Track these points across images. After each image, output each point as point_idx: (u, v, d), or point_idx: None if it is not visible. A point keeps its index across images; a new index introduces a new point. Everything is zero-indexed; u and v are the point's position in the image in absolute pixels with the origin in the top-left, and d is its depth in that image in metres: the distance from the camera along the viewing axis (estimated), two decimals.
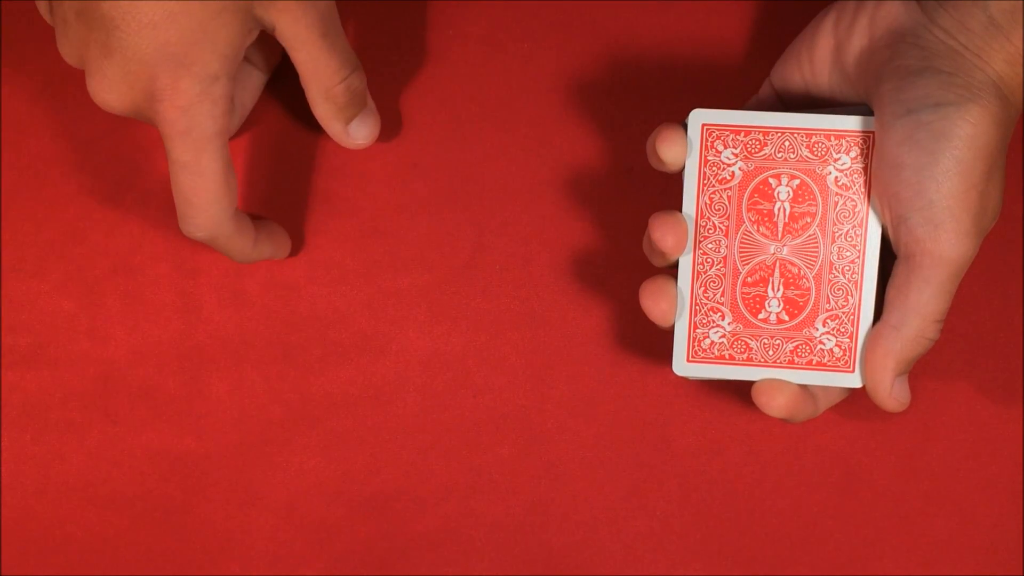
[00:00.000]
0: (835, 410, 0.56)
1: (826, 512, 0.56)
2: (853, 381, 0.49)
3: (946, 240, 0.46)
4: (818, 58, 0.50)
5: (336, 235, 0.58)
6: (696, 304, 0.50)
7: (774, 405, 0.49)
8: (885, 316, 0.48)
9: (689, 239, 0.50)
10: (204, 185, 0.50)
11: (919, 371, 0.56)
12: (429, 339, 0.57)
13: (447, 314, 0.57)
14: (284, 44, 0.51)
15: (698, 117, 0.49)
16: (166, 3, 0.47)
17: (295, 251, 0.58)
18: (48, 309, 0.58)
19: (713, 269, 0.50)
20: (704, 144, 0.49)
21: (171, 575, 0.57)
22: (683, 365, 0.50)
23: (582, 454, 0.57)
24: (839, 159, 0.49)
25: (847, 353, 0.49)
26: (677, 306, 0.50)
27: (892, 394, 0.49)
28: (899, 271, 0.47)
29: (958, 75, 0.45)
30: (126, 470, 0.58)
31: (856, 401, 0.56)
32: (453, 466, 0.57)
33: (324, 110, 0.53)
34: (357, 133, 0.55)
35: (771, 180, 0.49)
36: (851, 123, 0.48)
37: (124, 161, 0.58)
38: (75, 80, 0.58)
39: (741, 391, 0.57)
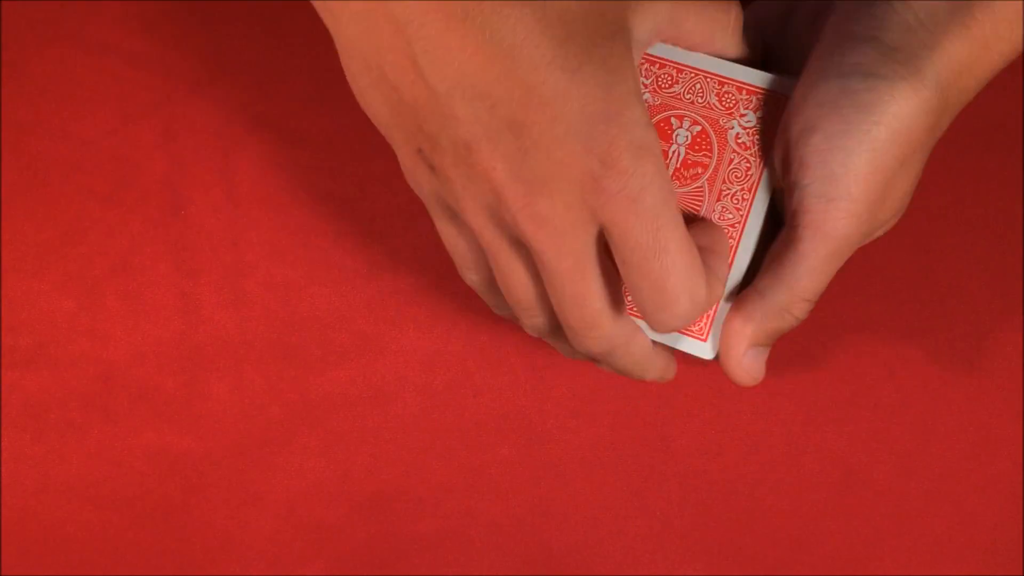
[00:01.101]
0: (835, 410, 0.56)
1: (826, 512, 0.56)
2: (704, 350, 0.46)
3: (835, 217, 0.43)
4: (770, 13, 0.47)
5: (336, 235, 0.58)
6: None
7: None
8: (755, 281, 0.45)
9: None
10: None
11: (919, 371, 0.56)
12: (429, 339, 0.57)
13: (447, 314, 0.57)
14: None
15: None
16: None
17: (295, 251, 0.58)
18: (48, 309, 0.58)
19: None
20: None
21: (171, 575, 0.57)
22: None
23: (582, 454, 0.57)
24: (745, 115, 0.45)
25: (704, 320, 0.46)
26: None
27: (743, 364, 0.46)
28: (780, 238, 0.45)
29: (901, 51, 0.42)
30: (126, 470, 0.58)
31: (856, 401, 0.56)
32: (453, 466, 0.57)
33: (734, 40, 0.45)
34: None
35: (673, 120, 0.46)
36: (766, 80, 0.45)
37: (124, 161, 0.58)
38: (75, 80, 0.58)
39: (742, 392, 0.57)
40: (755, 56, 0.46)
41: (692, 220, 0.46)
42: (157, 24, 0.59)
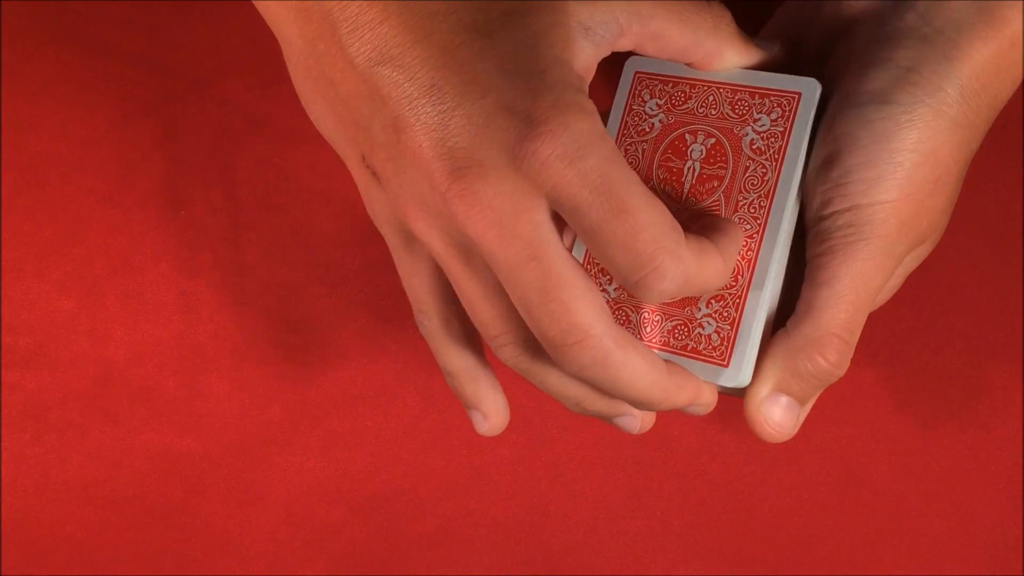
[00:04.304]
0: (835, 410, 0.56)
1: (826, 512, 0.56)
2: (727, 378, 0.42)
3: (862, 252, 0.41)
4: (820, 18, 0.45)
5: (336, 235, 0.58)
6: (588, 263, 0.44)
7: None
8: (789, 321, 0.42)
9: None
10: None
11: (919, 370, 0.56)
12: None
13: None
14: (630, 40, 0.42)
15: (633, 65, 0.45)
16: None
17: (295, 251, 0.58)
18: (48, 309, 0.58)
19: None
20: (632, 92, 0.44)
21: (171, 575, 0.57)
22: None
23: (582, 454, 0.57)
24: (759, 120, 0.43)
25: (724, 343, 0.42)
26: None
27: (762, 410, 0.42)
28: (808, 270, 0.42)
29: (918, 70, 0.40)
30: (126, 470, 0.58)
31: (856, 402, 0.56)
32: (453, 466, 0.57)
33: (727, 45, 0.43)
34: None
35: (687, 136, 0.44)
36: (777, 82, 0.43)
37: (124, 161, 0.58)
38: (75, 80, 0.58)
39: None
40: (765, 61, 0.44)
41: (700, 216, 0.43)
42: (157, 24, 0.59)
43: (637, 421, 0.44)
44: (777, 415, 0.42)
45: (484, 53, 0.37)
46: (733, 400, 0.57)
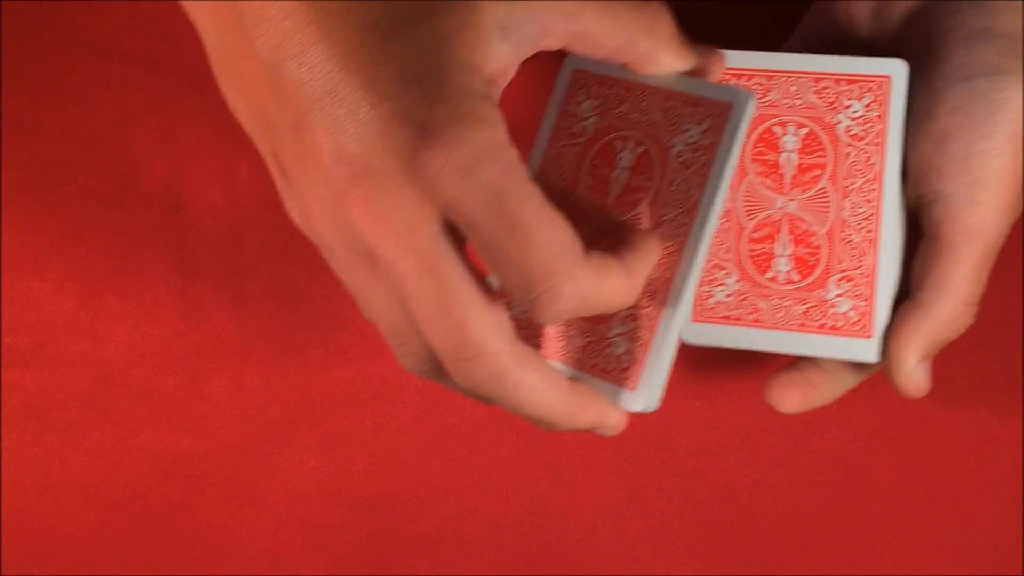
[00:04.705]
0: (835, 410, 0.56)
1: (826, 512, 0.56)
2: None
3: (987, 219, 0.43)
4: (857, 11, 0.46)
5: None
6: None
7: (788, 403, 0.47)
8: (915, 294, 0.45)
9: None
10: None
11: None
12: None
13: None
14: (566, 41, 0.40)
15: (571, 63, 0.44)
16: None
17: (295, 251, 0.58)
18: (48, 309, 0.58)
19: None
20: (568, 92, 0.44)
21: (171, 575, 0.57)
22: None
23: (582, 454, 0.57)
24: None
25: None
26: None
27: (912, 377, 0.45)
28: (930, 249, 0.44)
29: (1020, 39, 0.42)
30: (126, 470, 0.58)
31: (856, 401, 0.56)
32: (453, 466, 0.57)
33: (663, 47, 0.41)
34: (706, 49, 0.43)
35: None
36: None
37: (124, 161, 0.58)
38: (75, 80, 0.58)
39: (741, 393, 0.57)
40: (704, 67, 0.42)
41: (617, 229, 0.42)
42: (157, 24, 0.59)
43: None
44: (924, 378, 0.46)
45: (385, 55, 0.36)
46: (733, 400, 0.57)
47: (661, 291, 0.40)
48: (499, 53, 0.37)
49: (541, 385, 0.38)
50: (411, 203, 0.36)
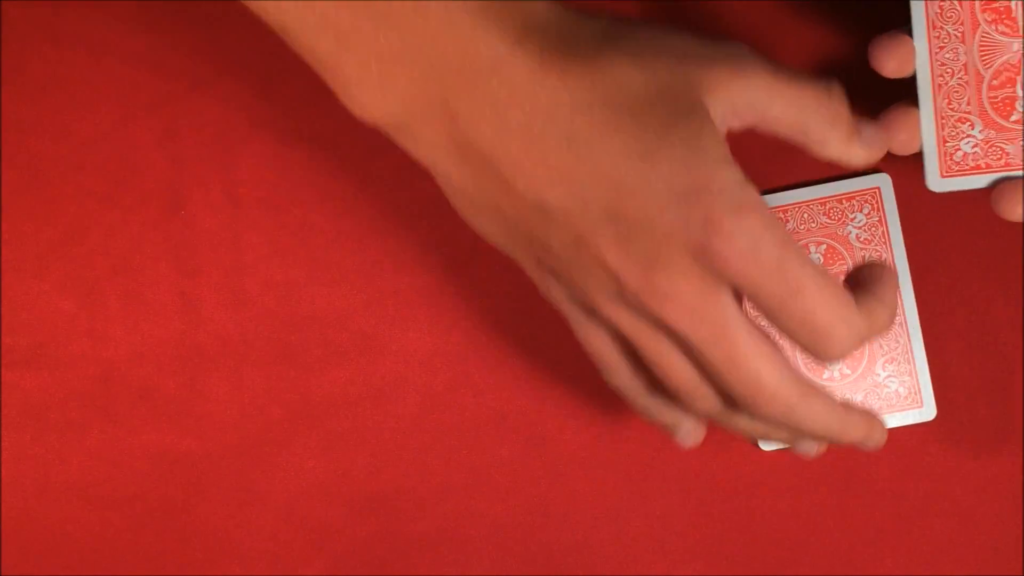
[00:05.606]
0: None
1: (826, 512, 0.56)
2: (925, 415, 0.50)
3: None
4: None
5: (336, 235, 0.58)
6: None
7: (1018, 211, 0.47)
8: None
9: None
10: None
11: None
12: (429, 339, 0.57)
13: (447, 314, 0.57)
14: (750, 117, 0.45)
15: None
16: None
17: (295, 251, 0.58)
18: (48, 309, 0.58)
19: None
20: None
21: (171, 575, 0.57)
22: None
23: (582, 454, 0.57)
24: (855, 218, 0.51)
25: (912, 391, 0.49)
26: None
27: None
28: None
29: None
30: (126, 470, 0.58)
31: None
32: (453, 466, 0.57)
33: (836, 139, 0.45)
34: (873, 136, 0.47)
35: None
36: (857, 184, 0.52)
37: (124, 161, 0.58)
38: (75, 80, 0.58)
39: None
40: (865, 152, 0.46)
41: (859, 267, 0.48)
42: (157, 24, 0.59)
43: (815, 446, 0.49)
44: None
45: (650, 179, 0.41)
46: None
47: (899, 314, 0.50)
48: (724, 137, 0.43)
49: (823, 412, 0.44)
50: (704, 285, 0.41)
